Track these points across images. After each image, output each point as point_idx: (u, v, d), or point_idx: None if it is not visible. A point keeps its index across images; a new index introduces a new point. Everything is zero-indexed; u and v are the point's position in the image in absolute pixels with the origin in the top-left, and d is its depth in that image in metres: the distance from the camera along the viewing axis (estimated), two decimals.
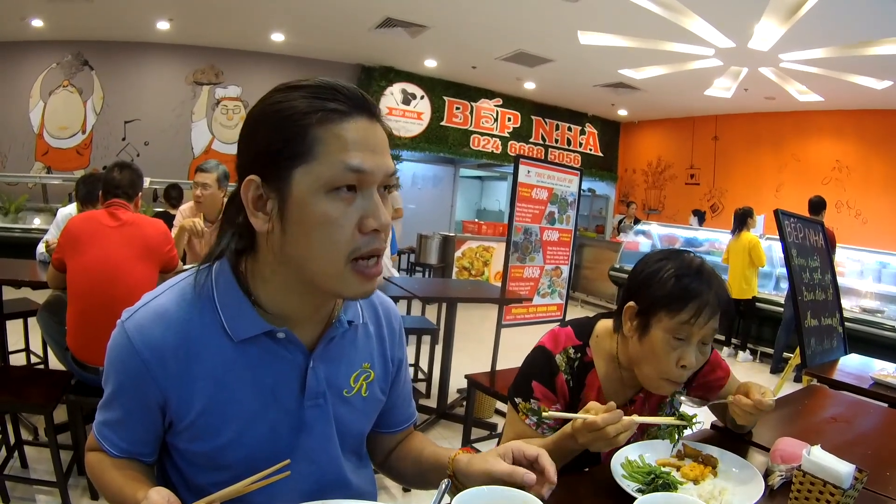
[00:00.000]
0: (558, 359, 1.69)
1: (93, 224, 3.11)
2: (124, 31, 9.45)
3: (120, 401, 1.10)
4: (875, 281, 7.58)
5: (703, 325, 1.52)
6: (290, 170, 0.97)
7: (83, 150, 9.89)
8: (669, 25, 7.21)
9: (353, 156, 0.97)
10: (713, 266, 1.63)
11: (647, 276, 1.61)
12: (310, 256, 1.00)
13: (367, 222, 0.99)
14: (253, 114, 1.03)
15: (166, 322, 1.06)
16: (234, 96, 10.74)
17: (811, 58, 7.74)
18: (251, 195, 1.00)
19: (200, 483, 1.13)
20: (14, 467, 3.28)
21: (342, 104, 0.98)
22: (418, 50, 9.92)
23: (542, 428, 1.66)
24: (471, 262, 10.32)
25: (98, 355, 2.99)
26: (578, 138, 13.72)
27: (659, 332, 1.55)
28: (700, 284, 1.53)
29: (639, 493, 1.31)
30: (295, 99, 0.98)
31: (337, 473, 1.22)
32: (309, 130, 0.96)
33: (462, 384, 4.36)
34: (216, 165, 4.14)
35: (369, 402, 1.27)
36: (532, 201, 4.86)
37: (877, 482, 1.52)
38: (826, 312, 4.12)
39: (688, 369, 1.55)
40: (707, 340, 1.57)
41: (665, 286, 1.55)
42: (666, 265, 1.59)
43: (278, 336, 1.09)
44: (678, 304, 1.52)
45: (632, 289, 1.65)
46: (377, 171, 1.00)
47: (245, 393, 1.09)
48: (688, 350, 1.54)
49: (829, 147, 10.53)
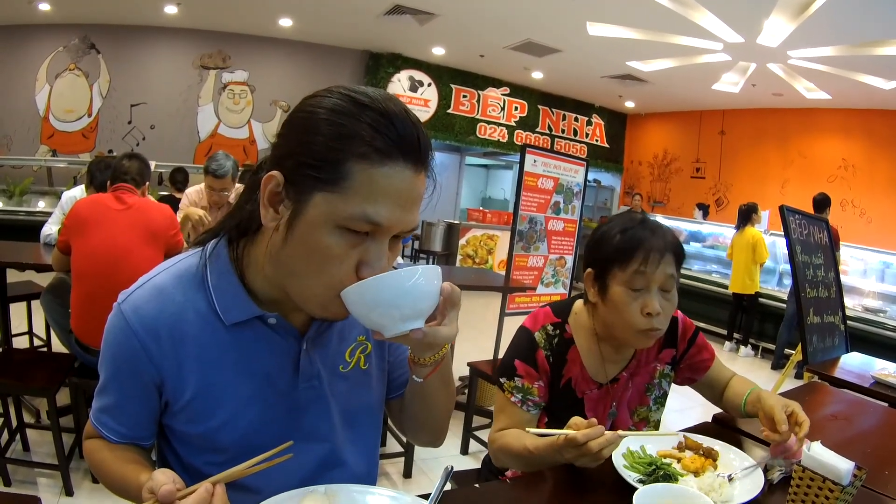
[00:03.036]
0: (537, 336, 1.73)
1: (99, 207, 3.11)
2: (132, 15, 9.41)
3: (117, 384, 1.10)
4: (878, 280, 7.59)
5: (655, 270, 1.58)
6: (313, 191, 0.93)
7: (89, 134, 9.87)
8: (678, 19, 7.17)
9: (376, 209, 0.92)
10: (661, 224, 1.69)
11: (595, 240, 1.71)
12: (300, 276, 0.99)
13: (363, 270, 0.96)
14: (303, 108, 0.98)
15: (162, 300, 1.06)
16: (240, 81, 10.71)
17: (820, 55, 7.69)
18: (270, 189, 0.97)
19: (197, 465, 1.14)
20: (16, 450, 3.31)
21: (391, 143, 0.92)
22: (426, 37, 9.88)
23: (526, 405, 1.70)
24: (475, 250, 10.32)
25: (101, 337, 3.00)
26: (585, 129, 13.67)
27: (617, 288, 1.61)
28: (643, 232, 1.61)
29: (640, 484, 1.32)
30: (347, 115, 0.93)
31: (335, 455, 1.22)
32: (346, 161, 0.91)
33: (465, 372, 4.36)
34: (227, 167, 4.12)
35: (370, 373, 1.26)
36: (538, 191, 4.86)
37: (875, 481, 1.52)
38: (828, 310, 4.12)
39: (654, 317, 1.58)
40: (667, 287, 1.62)
41: (612, 243, 1.63)
42: (611, 226, 1.68)
43: (269, 321, 1.09)
44: (626, 255, 1.59)
45: (587, 255, 1.73)
46: (396, 227, 0.96)
47: (238, 376, 1.09)
48: (648, 297, 1.59)
49: (836, 145, 10.48)
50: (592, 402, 1.75)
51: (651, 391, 1.82)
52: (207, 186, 4.17)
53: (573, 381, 1.73)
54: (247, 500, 1.03)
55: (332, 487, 1.10)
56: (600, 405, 1.76)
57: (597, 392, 1.75)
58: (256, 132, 10.85)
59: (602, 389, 1.75)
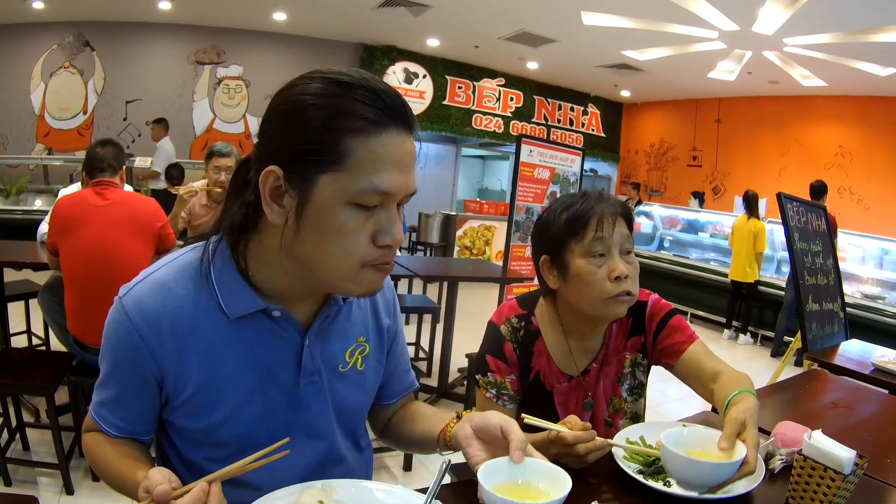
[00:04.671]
0: (503, 329, 1.72)
1: (82, 206, 3.06)
2: (125, 12, 9.38)
3: (117, 379, 1.10)
4: (876, 267, 7.58)
5: (612, 233, 1.58)
6: (317, 174, 0.95)
7: (84, 131, 9.85)
8: (673, 7, 7.15)
9: (382, 177, 0.96)
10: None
11: (540, 226, 1.70)
12: (322, 261, 1.00)
13: (382, 238, 1.00)
14: (287, 98, 0.99)
15: (164, 294, 1.06)
16: (235, 75, 10.68)
17: (815, 43, 7.69)
18: (269, 185, 0.98)
19: (197, 460, 1.14)
20: (16, 450, 3.30)
21: (381, 113, 0.96)
22: (421, 29, 9.86)
23: (502, 399, 1.69)
24: (472, 242, 10.31)
25: (99, 335, 2.97)
26: (581, 119, 13.66)
27: (578, 261, 1.59)
28: (588, 202, 1.61)
29: (639, 475, 1.31)
30: (334, 97, 0.95)
31: (333, 451, 1.23)
32: (343, 139, 0.94)
33: (463, 363, 4.37)
34: (232, 149, 4.17)
35: (365, 375, 1.27)
36: (534, 181, 4.85)
37: (877, 469, 1.52)
38: (827, 297, 4.13)
39: (623, 280, 1.56)
40: (627, 248, 1.61)
41: (560, 220, 1.62)
42: (553, 209, 1.67)
43: (273, 314, 1.09)
44: (580, 225, 1.58)
45: (537, 246, 1.72)
46: (401, 192, 1.00)
47: (240, 370, 1.09)
48: (612, 261, 1.58)
49: (832, 132, 10.48)
50: (562, 395, 1.72)
51: (623, 381, 1.77)
52: (212, 168, 4.16)
53: (542, 374, 1.71)
54: (248, 496, 1.02)
55: (330, 482, 1.09)
56: (571, 398, 1.73)
57: (566, 385, 1.72)
58: (252, 127, 10.82)
59: (573, 382, 1.72)
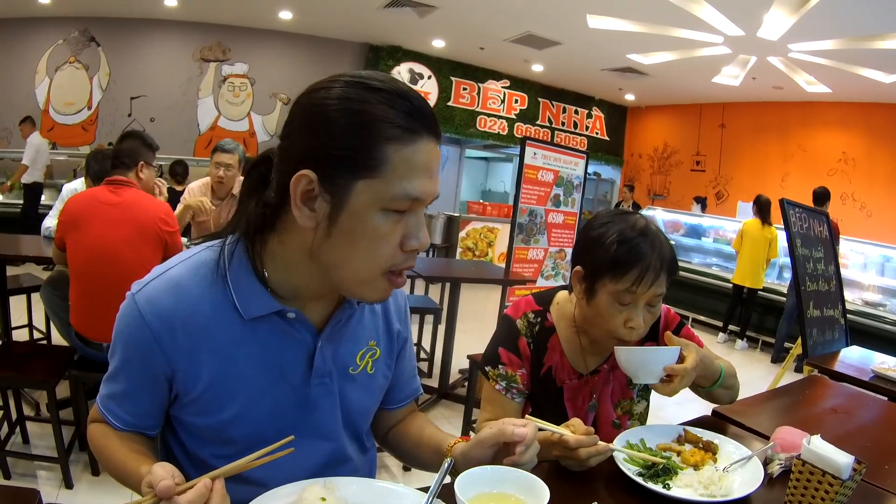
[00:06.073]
0: (519, 323, 1.73)
1: (92, 203, 3.07)
2: (131, 8, 9.40)
3: (127, 373, 1.10)
4: (878, 274, 7.57)
5: (646, 290, 1.53)
6: (352, 180, 0.96)
7: (89, 126, 9.87)
8: (679, 12, 7.16)
9: (415, 185, 0.97)
10: (657, 227, 1.62)
11: (591, 240, 1.61)
12: (347, 264, 1.02)
13: (410, 242, 1.02)
14: (317, 101, 0.99)
15: (178, 293, 1.06)
16: (240, 73, 10.70)
17: (820, 49, 7.68)
18: (301, 189, 0.97)
19: (203, 456, 1.14)
20: (16, 443, 3.30)
21: (415, 121, 0.97)
22: (426, 30, 9.86)
23: (511, 392, 1.70)
24: (475, 243, 10.32)
25: (102, 331, 3.00)
26: (585, 122, 13.64)
27: (604, 296, 1.56)
28: (643, 247, 1.53)
29: (639, 478, 1.32)
30: (370, 103, 0.96)
31: (340, 451, 1.23)
32: (379, 146, 0.95)
33: (464, 364, 4.37)
34: (236, 146, 4.18)
35: (374, 379, 1.28)
36: (538, 183, 4.86)
37: (875, 475, 1.52)
38: (828, 303, 4.13)
39: (636, 330, 1.56)
40: (654, 303, 1.59)
41: (608, 251, 1.54)
42: (609, 229, 1.58)
43: (289, 316, 1.10)
44: (621, 270, 1.52)
45: (578, 253, 1.67)
46: (430, 197, 1.01)
47: (252, 369, 1.09)
48: (634, 312, 1.56)
49: (836, 138, 10.47)
50: (571, 392, 1.73)
51: (634, 384, 1.80)
52: (214, 163, 4.16)
53: (553, 370, 1.72)
54: (253, 493, 1.03)
55: (332, 480, 1.09)
56: (579, 395, 1.74)
57: (576, 382, 1.73)
58: (256, 125, 10.84)
59: (582, 380, 1.74)
